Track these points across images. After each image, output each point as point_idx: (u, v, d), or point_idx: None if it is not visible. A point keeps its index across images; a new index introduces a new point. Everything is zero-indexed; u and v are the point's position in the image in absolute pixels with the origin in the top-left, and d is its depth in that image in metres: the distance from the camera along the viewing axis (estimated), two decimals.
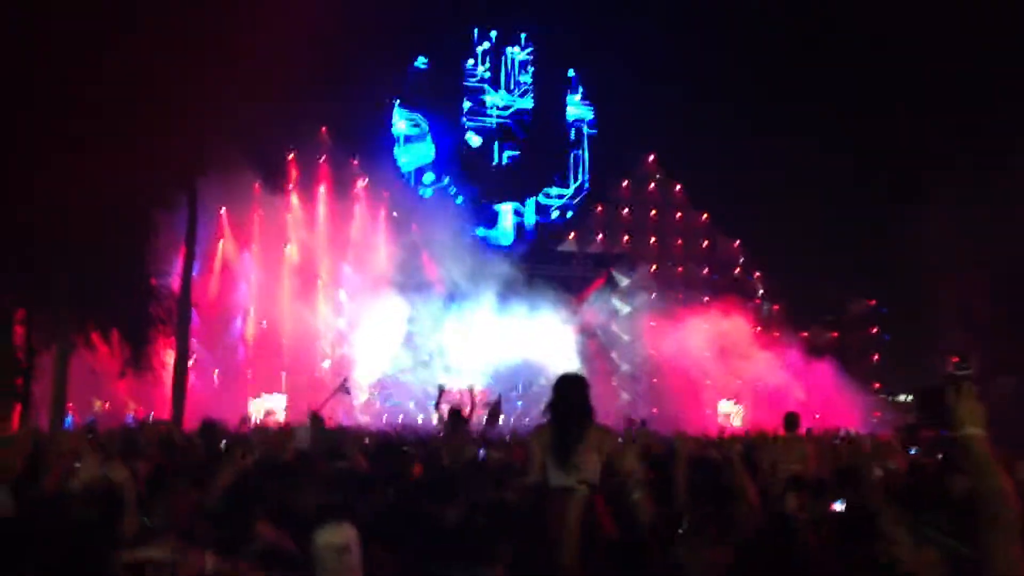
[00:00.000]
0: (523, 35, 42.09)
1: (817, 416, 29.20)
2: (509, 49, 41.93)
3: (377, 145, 36.57)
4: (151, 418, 22.14)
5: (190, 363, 26.24)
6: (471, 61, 41.59)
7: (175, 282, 24.54)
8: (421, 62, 40.07)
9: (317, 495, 5.08)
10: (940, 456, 9.49)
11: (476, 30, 41.54)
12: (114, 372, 23.20)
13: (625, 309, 36.68)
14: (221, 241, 32.28)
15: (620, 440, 7.00)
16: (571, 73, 42.18)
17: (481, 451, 10.20)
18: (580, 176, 41.51)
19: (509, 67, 41.97)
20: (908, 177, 29.79)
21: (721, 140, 33.43)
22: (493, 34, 41.78)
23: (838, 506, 5.18)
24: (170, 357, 24.64)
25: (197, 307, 27.23)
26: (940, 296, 28.25)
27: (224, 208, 31.70)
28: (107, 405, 28.35)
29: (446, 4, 37.49)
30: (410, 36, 38.13)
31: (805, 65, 32.21)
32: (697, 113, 33.18)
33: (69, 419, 22.97)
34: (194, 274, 26.21)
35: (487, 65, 41.74)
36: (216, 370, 30.95)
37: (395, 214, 34.40)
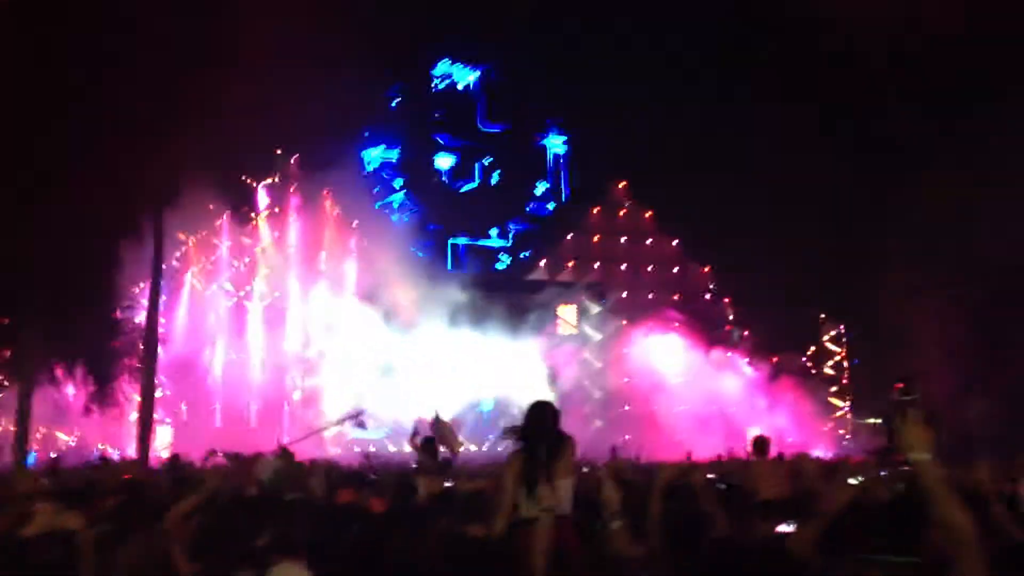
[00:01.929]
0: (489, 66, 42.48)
1: (790, 440, 29.29)
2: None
3: (348, 175, 36.52)
4: (117, 456, 21.80)
5: (157, 397, 25.87)
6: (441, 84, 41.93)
7: (141, 315, 24.28)
8: (394, 91, 40.39)
9: (275, 530, 4.94)
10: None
11: (448, 60, 41.95)
12: (79, 408, 22.87)
13: (596, 336, 36.72)
14: (188, 273, 31.97)
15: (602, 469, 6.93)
16: (548, 121, 42.67)
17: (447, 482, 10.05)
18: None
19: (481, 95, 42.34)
20: (876, 199, 30.15)
21: (690, 168, 33.74)
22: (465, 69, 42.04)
23: (784, 528, 5.12)
24: (136, 391, 24.31)
25: (163, 341, 26.91)
26: (906, 318, 28.48)
27: (191, 239, 31.42)
28: (73, 441, 27.88)
29: (416, 30, 37.69)
30: (382, 63, 38.35)
31: (773, 95, 32.60)
32: (667, 141, 33.50)
33: (32, 456, 22.53)
34: (161, 307, 25.92)
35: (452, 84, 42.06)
36: (183, 403, 30.52)
37: (366, 243, 34.26)
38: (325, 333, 32.25)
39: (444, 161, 41.33)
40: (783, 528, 5.00)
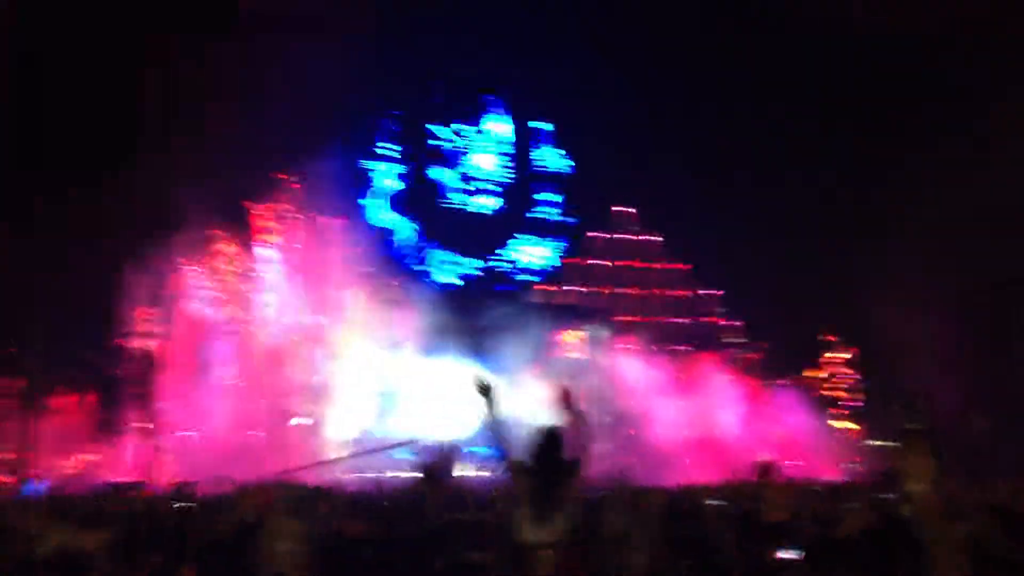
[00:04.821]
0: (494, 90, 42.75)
1: (800, 463, 29.14)
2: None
3: (350, 198, 36.65)
4: (125, 483, 21.73)
5: (161, 423, 25.85)
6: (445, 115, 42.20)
7: (145, 342, 24.31)
8: (393, 115, 40.63)
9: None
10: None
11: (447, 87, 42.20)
12: (84, 436, 22.84)
13: (604, 361, 36.63)
14: (191, 299, 31.95)
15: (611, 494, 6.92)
16: (548, 127, 42.74)
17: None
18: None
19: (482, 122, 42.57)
20: (876, 213, 30.17)
21: (697, 190, 33.86)
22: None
23: (785, 553, 5.12)
24: (141, 419, 24.29)
25: (167, 367, 26.90)
26: (909, 336, 28.40)
27: (193, 264, 31.44)
28: (77, 469, 27.78)
29: (417, 58, 37.92)
30: (381, 88, 38.63)
31: (776, 116, 32.76)
32: (671, 163, 33.63)
33: (31, 485, 22.46)
34: (162, 333, 25.94)
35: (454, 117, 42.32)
36: (188, 430, 30.42)
37: (368, 266, 34.27)
38: (329, 359, 32.20)
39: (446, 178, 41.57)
40: (784, 554, 4.99)
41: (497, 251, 41.57)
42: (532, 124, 42.73)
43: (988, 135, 24.67)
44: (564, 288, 39.78)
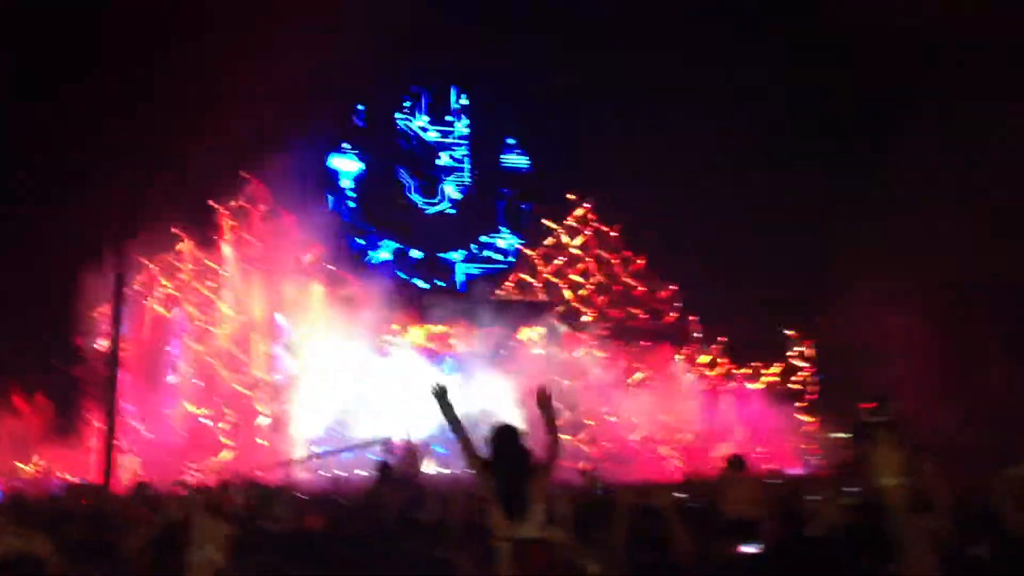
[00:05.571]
0: (455, 88, 42.75)
1: (758, 450, 29.46)
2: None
3: (312, 196, 36.38)
4: (79, 483, 21.44)
5: (119, 423, 25.49)
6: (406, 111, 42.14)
7: (103, 341, 23.94)
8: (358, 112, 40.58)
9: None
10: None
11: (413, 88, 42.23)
12: (40, 437, 22.46)
13: (564, 355, 36.70)
14: (150, 298, 31.57)
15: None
16: (509, 139, 42.89)
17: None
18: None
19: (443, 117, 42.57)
20: (837, 203, 30.44)
21: (654, 184, 33.96)
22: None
23: (747, 548, 5.16)
24: (98, 419, 23.93)
25: (126, 367, 26.53)
26: (873, 331, 28.74)
27: (153, 263, 31.06)
28: (32, 471, 27.34)
29: (379, 59, 37.71)
30: (346, 90, 38.47)
31: (736, 106, 32.97)
32: (631, 155, 33.65)
33: None
34: (122, 332, 25.57)
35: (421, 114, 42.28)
36: (147, 429, 30.07)
37: (331, 264, 34.07)
38: (292, 356, 31.99)
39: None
40: (747, 548, 5.02)
41: (457, 246, 41.56)
42: (492, 117, 42.75)
43: (965, 129, 25.01)
44: (521, 282, 39.75)
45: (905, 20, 26.45)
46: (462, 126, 42.85)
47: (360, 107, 41.07)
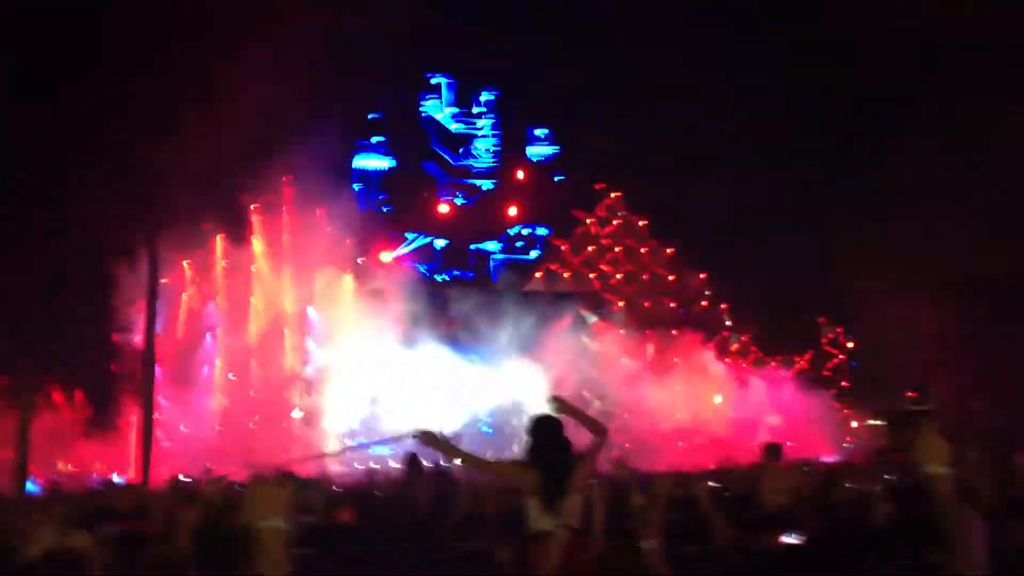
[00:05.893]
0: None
1: (788, 444, 29.20)
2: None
3: (341, 191, 36.52)
4: (117, 479, 21.69)
5: (156, 418, 25.77)
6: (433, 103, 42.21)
7: (138, 337, 24.19)
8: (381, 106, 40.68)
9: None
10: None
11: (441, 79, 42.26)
12: (78, 433, 22.72)
13: (594, 346, 36.58)
14: (184, 294, 31.87)
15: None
16: (539, 133, 42.86)
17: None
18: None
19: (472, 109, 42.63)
20: (869, 195, 30.19)
21: (684, 174, 33.81)
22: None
23: (788, 539, 5.09)
24: (135, 414, 24.19)
25: (161, 362, 26.80)
26: (905, 318, 28.43)
27: (187, 260, 31.34)
28: (70, 467, 27.70)
29: (404, 52, 37.82)
30: (371, 84, 38.61)
31: (763, 96, 32.71)
32: (659, 145, 33.58)
33: (32, 483, 22.40)
34: (157, 329, 25.83)
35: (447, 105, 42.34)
36: (183, 424, 30.37)
37: (360, 261, 34.21)
38: (323, 350, 32.17)
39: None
40: (788, 539, 4.96)
41: (487, 239, 41.60)
42: (521, 111, 42.73)
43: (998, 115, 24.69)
44: (550, 272, 39.70)
45: (905, 20, 26.16)
46: (487, 119, 42.84)
47: (381, 100, 41.24)
